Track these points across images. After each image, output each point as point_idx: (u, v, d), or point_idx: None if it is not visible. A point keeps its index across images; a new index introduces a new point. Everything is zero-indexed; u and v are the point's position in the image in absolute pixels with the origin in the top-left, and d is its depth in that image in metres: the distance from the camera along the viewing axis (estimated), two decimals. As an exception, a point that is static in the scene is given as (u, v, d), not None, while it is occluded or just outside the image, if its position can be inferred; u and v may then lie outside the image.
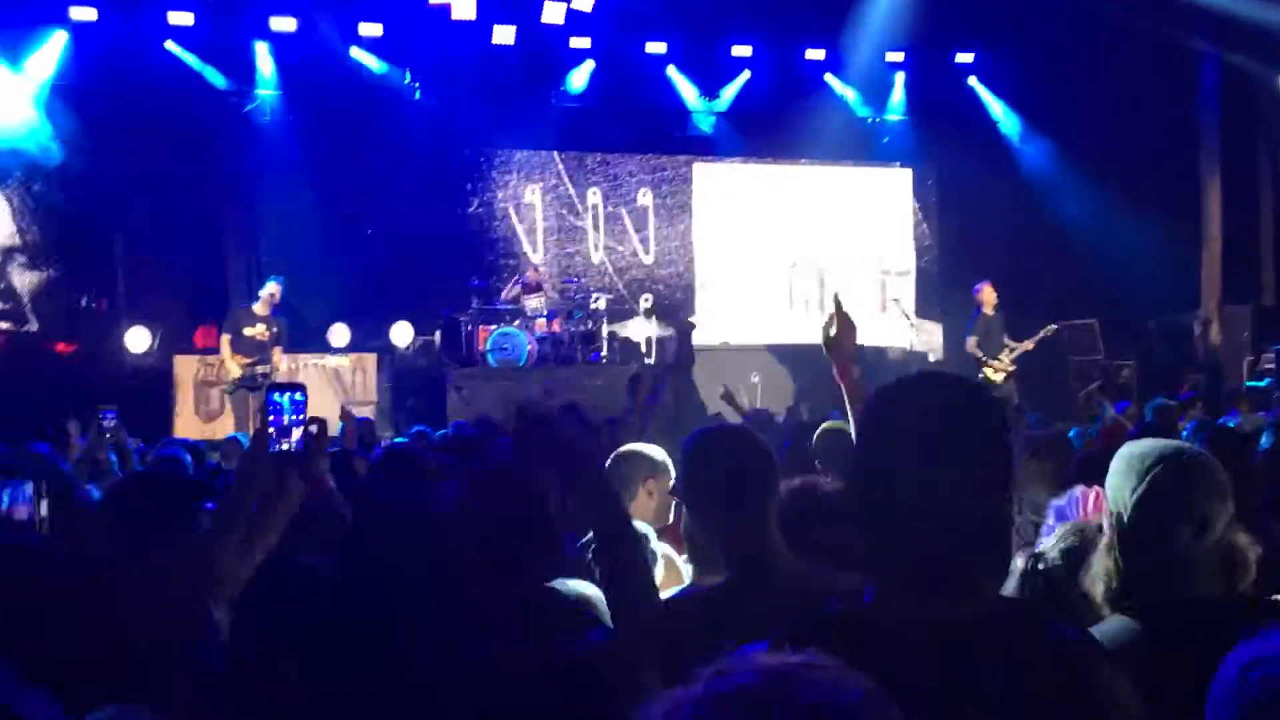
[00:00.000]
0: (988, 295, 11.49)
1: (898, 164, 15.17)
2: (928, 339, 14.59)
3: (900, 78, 14.64)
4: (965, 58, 14.58)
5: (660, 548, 3.06)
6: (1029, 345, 11.34)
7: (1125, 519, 2.07)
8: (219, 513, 2.43)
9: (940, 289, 15.17)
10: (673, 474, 3.29)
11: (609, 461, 3.41)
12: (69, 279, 12.77)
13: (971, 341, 11.43)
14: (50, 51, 12.29)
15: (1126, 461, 2.12)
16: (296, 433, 2.52)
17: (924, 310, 15.03)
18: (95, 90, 12.37)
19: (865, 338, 11.92)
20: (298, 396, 2.56)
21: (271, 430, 2.50)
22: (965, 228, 14.70)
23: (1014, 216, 13.99)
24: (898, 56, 14.40)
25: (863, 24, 13.71)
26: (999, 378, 11.20)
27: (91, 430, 6.42)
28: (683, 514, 2.55)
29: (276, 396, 2.53)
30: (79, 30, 12.26)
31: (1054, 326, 11.45)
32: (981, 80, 14.78)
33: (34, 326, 12.62)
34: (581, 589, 2.55)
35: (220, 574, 2.41)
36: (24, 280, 12.63)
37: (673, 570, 3.07)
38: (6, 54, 12.22)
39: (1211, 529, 2.03)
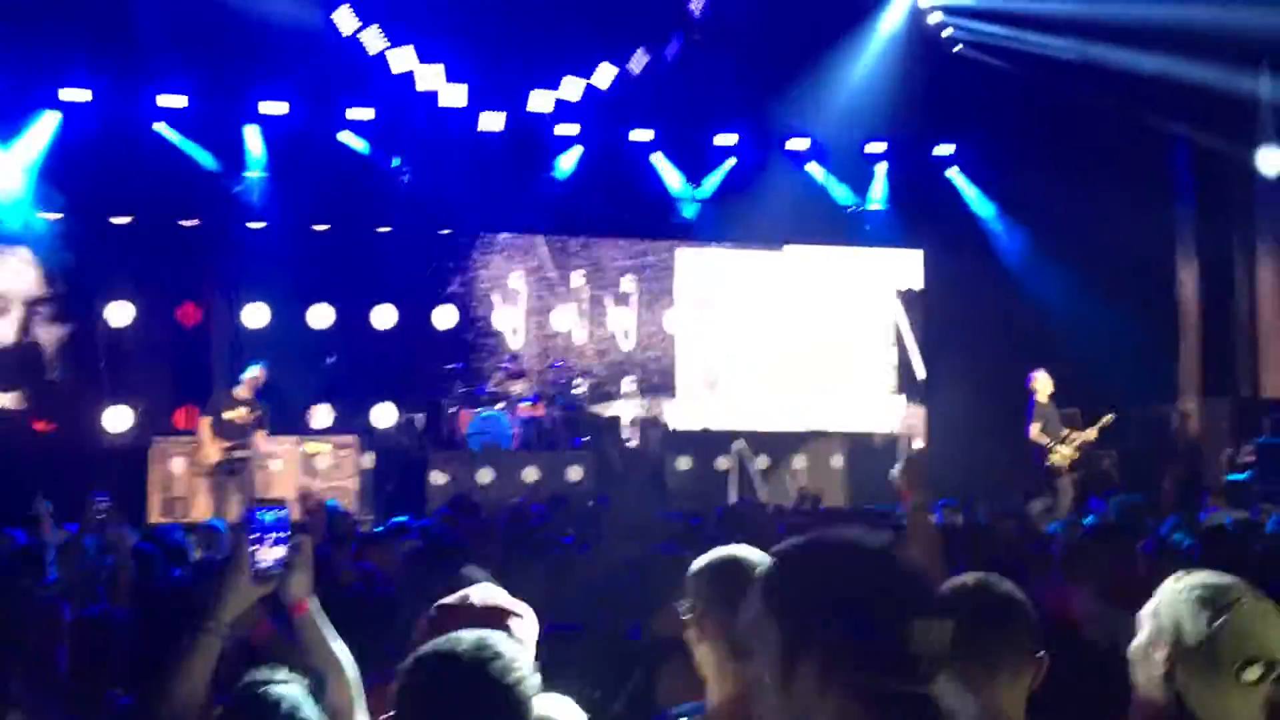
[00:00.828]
0: (1042, 383, 11.30)
1: (880, 248, 15.33)
2: (911, 423, 14.64)
3: (881, 168, 14.89)
4: (945, 149, 14.86)
5: None
6: (1092, 434, 11.21)
7: (1192, 650, 2.12)
8: (194, 635, 2.40)
9: (925, 372, 15.24)
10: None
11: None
12: (50, 356, 12.71)
13: (1035, 429, 11.22)
14: (41, 131, 12.38)
15: (1193, 591, 2.16)
16: (279, 551, 2.51)
17: (907, 392, 15.10)
18: (84, 170, 12.44)
19: (850, 423, 11.95)
20: (281, 514, 2.55)
21: (254, 549, 2.48)
22: (947, 314, 14.84)
23: (995, 303, 14.14)
24: (879, 147, 14.67)
25: (843, 116, 13.96)
26: (1066, 462, 11.10)
27: (85, 514, 6.33)
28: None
29: (260, 514, 2.52)
30: (70, 111, 12.37)
31: (1112, 416, 11.30)
32: (962, 170, 15.04)
33: (11, 404, 12.52)
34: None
35: (188, 696, 2.38)
36: (4, 356, 12.57)
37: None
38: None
39: (1275, 670, 2.08)
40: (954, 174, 15.06)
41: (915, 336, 15.36)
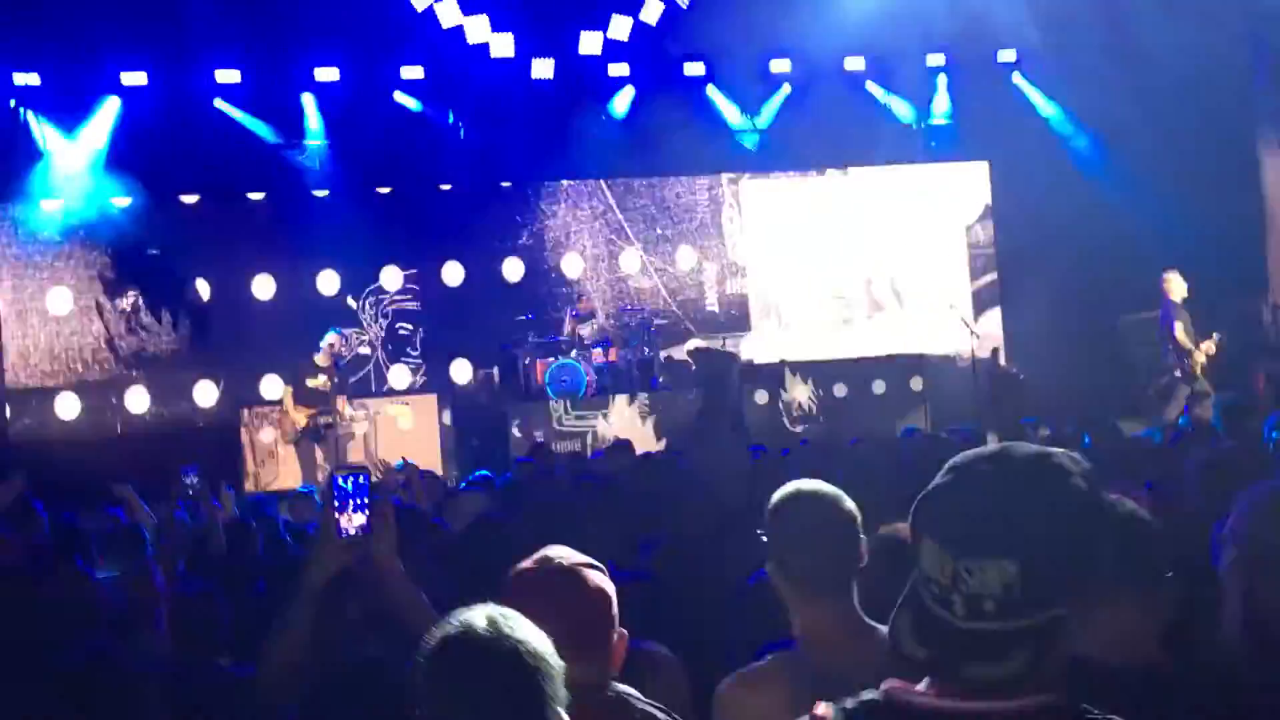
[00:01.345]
0: (1176, 283, 10.71)
1: (947, 162, 14.99)
2: (990, 342, 14.39)
3: (942, 80, 14.49)
4: (1007, 55, 14.39)
5: None
6: (1215, 343, 10.60)
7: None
8: (291, 601, 2.46)
9: (999, 289, 14.95)
10: None
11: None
12: (136, 335, 13.06)
13: (1179, 329, 10.61)
14: (105, 117, 12.61)
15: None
16: (361, 517, 2.55)
17: (983, 311, 14.83)
18: (150, 151, 12.67)
19: (930, 346, 11.77)
20: (361, 480, 2.59)
21: (338, 516, 2.53)
22: (1020, 225, 14.50)
23: (1070, 210, 13.75)
24: (938, 59, 14.27)
25: (899, 29, 13.58)
26: (1200, 367, 10.55)
27: (174, 490, 6.53)
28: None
29: (341, 481, 2.56)
30: (130, 95, 12.56)
31: (1220, 336, 10.71)
32: (1026, 75, 14.57)
33: (102, 386, 12.91)
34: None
35: (288, 660, 2.44)
36: (94, 337, 12.94)
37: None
38: (64, 123, 12.57)
39: None
40: (1018, 80, 14.60)
41: (989, 251, 15.04)
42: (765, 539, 2.55)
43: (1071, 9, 13.16)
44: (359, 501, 2.56)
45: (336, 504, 2.54)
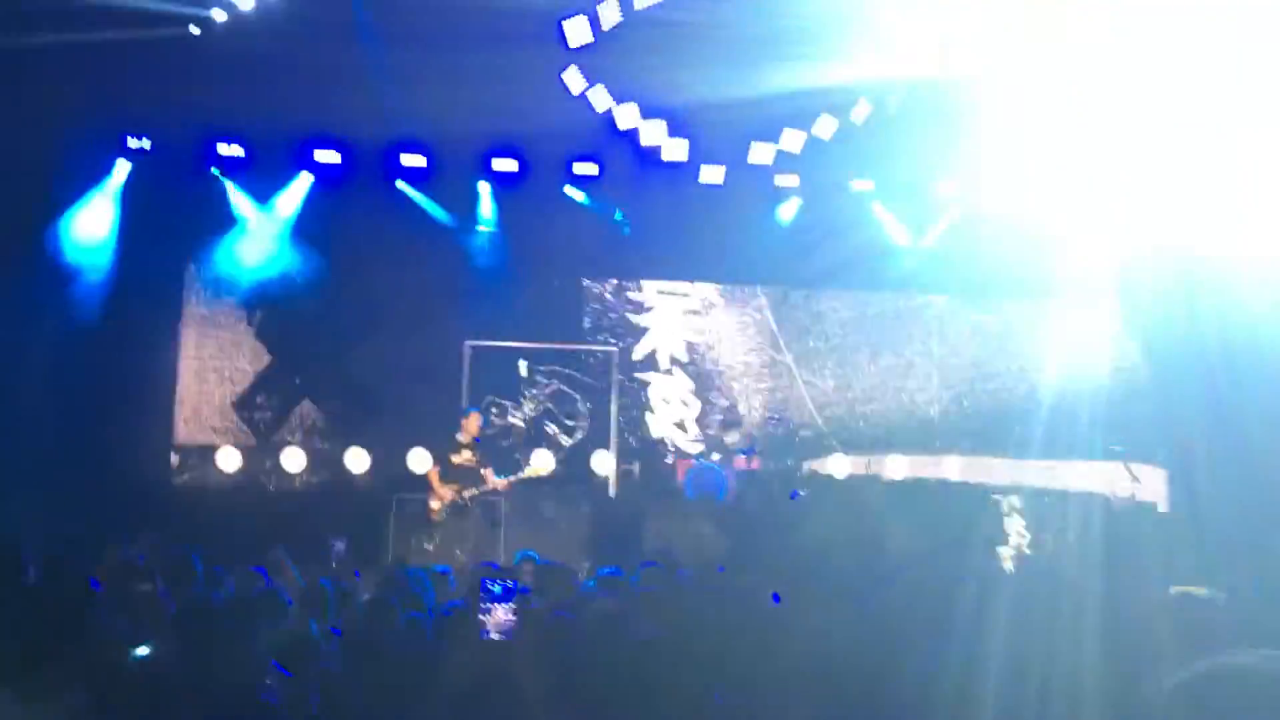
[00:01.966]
0: None
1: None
2: (1153, 488, 13.75)
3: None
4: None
5: None
6: None
7: None
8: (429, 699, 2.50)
9: (1156, 429, 14.29)
10: None
11: None
12: (295, 399, 13.63)
13: None
14: (296, 191, 13.38)
15: None
16: (507, 620, 2.58)
17: (1140, 454, 14.20)
18: (331, 225, 13.36)
19: (1084, 484, 11.17)
20: (510, 585, 2.63)
21: (483, 618, 2.57)
22: (1181, 367, 13.89)
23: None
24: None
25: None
26: None
27: (324, 559, 6.75)
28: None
29: (490, 585, 2.61)
30: (321, 171, 13.31)
31: None
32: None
33: (256, 443, 13.47)
34: None
35: None
36: (260, 398, 13.56)
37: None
38: (258, 194, 13.38)
39: None
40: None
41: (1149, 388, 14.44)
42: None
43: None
44: (505, 605, 2.60)
45: (483, 606, 2.58)
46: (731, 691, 3.47)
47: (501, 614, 2.58)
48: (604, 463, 13.56)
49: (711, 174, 13.60)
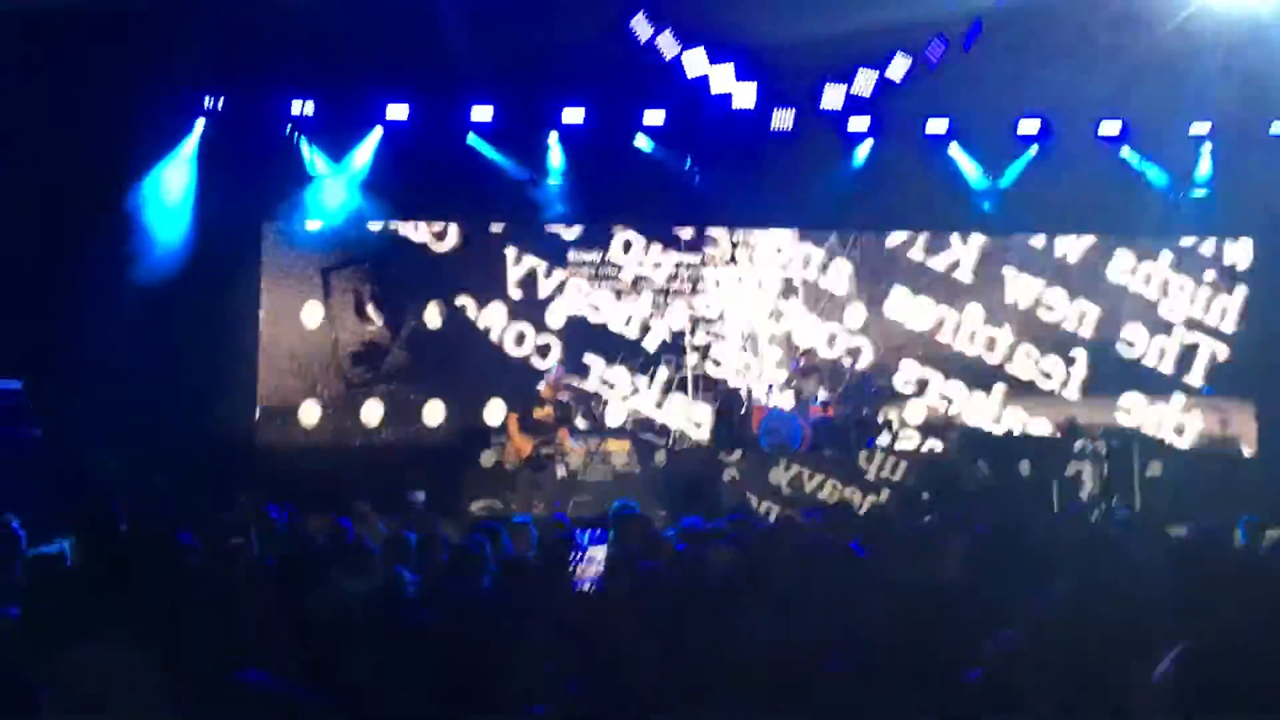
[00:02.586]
0: None
1: (1201, 237, 14.14)
2: (1239, 429, 13.40)
3: (1206, 149, 13.67)
4: (1280, 127, 13.43)
5: None
6: None
7: None
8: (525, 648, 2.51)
9: (1253, 372, 13.92)
10: None
11: None
12: (373, 354, 13.83)
13: None
14: (368, 146, 13.46)
15: None
16: (596, 571, 2.59)
17: (1233, 390, 13.85)
18: (404, 179, 13.44)
19: (1157, 424, 11.05)
20: (599, 534, 2.63)
21: (574, 568, 2.57)
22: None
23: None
24: (1203, 128, 13.48)
25: (1162, 95, 12.92)
26: None
27: (405, 512, 6.86)
28: None
29: (580, 536, 2.61)
30: (392, 126, 13.36)
31: None
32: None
33: (336, 398, 13.70)
34: None
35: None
36: (339, 352, 13.78)
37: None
38: (331, 150, 13.49)
39: None
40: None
41: (1245, 330, 14.06)
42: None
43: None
44: (596, 556, 2.60)
45: (574, 556, 2.59)
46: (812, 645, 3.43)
47: (593, 565, 2.58)
48: (679, 414, 13.55)
49: (782, 119, 13.39)
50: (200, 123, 13.06)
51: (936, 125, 13.57)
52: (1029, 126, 13.52)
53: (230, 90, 13.06)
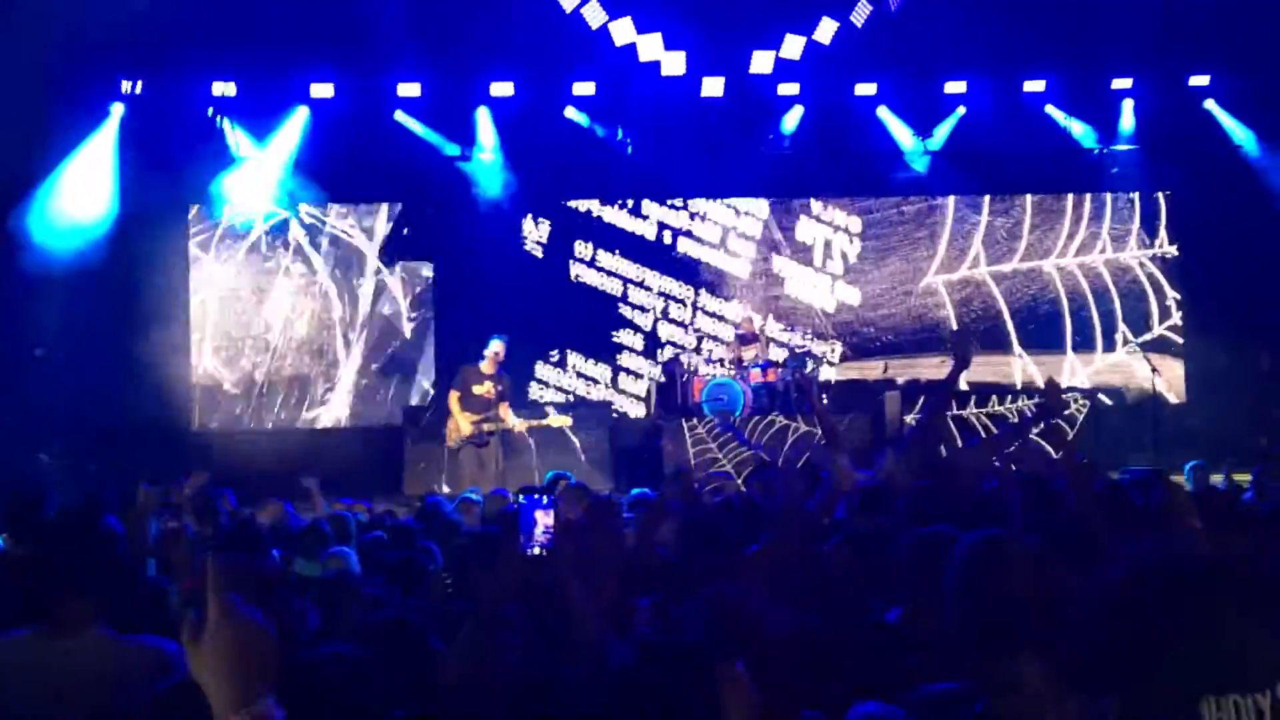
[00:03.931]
0: None
1: (1128, 193, 14.41)
2: (1168, 380, 13.72)
3: (1129, 105, 13.91)
4: (1200, 80, 13.70)
5: None
6: None
7: None
8: (477, 615, 2.49)
9: (1182, 330, 14.25)
10: None
11: None
12: (313, 333, 13.63)
13: None
14: (294, 126, 13.21)
15: None
16: (544, 535, 2.57)
17: (1162, 346, 14.17)
18: (332, 159, 13.23)
19: (1101, 377, 11.28)
20: (545, 500, 2.61)
21: (522, 534, 2.55)
22: (1204, 259, 13.84)
23: (1258, 244, 13.06)
24: (1125, 83, 13.71)
25: (1084, 52, 13.12)
26: None
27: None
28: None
29: (526, 500, 2.59)
30: (317, 105, 13.13)
31: None
32: (1220, 103, 13.85)
33: (270, 381, 13.50)
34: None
35: (466, 673, 2.47)
36: (273, 334, 13.56)
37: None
38: (255, 130, 13.22)
39: None
40: (1211, 106, 13.89)
41: (1169, 284, 14.37)
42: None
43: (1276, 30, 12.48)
44: (543, 520, 2.58)
45: (521, 521, 2.57)
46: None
47: (540, 528, 2.56)
48: (622, 387, 13.57)
49: (712, 86, 13.38)
50: (118, 107, 12.74)
51: (865, 89, 13.64)
52: (955, 87, 13.65)
53: (148, 73, 12.75)
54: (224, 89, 12.90)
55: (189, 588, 3.66)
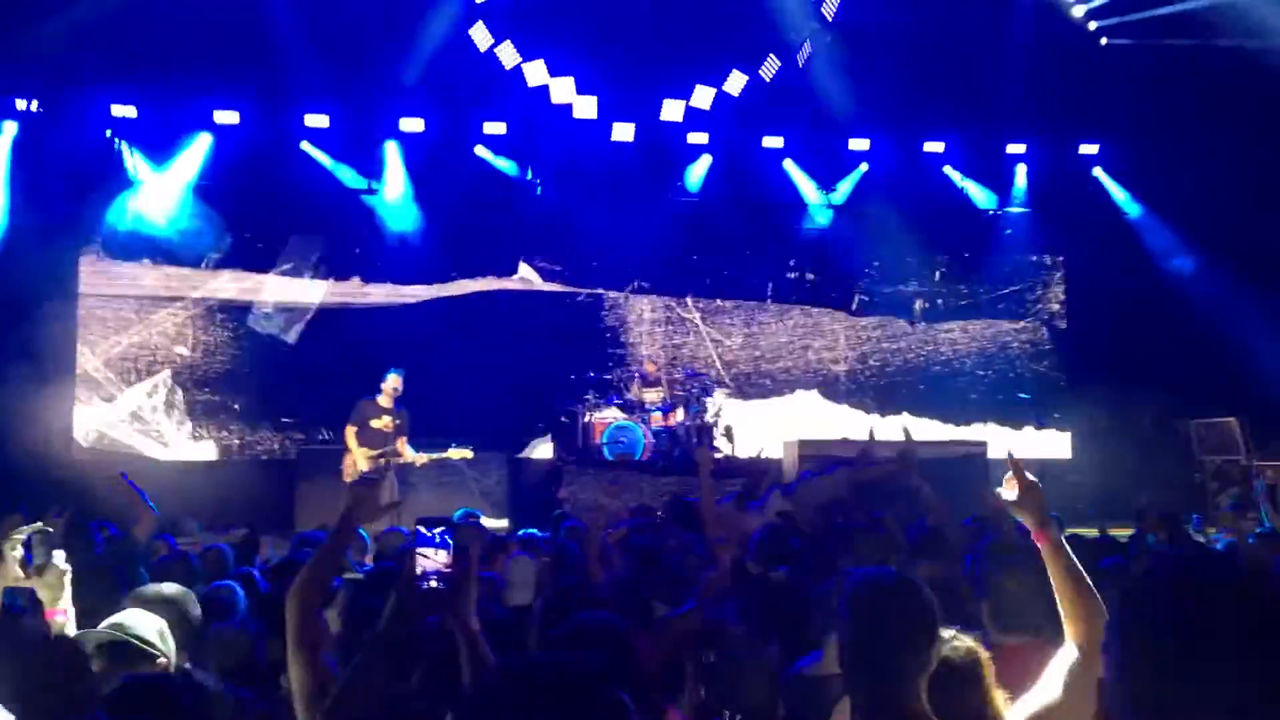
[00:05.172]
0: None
1: (1021, 256, 14.86)
2: (1055, 446, 14.10)
3: (1022, 169, 14.43)
4: (1090, 149, 14.29)
5: None
6: None
7: None
8: (371, 646, 2.43)
9: (1070, 389, 14.66)
10: None
11: None
12: (204, 359, 13.26)
13: None
14: (195, 152, 12.93)
15: None
16: (443, 569, 2.52)
17: (1052, 411, 14.57)
18: (233, 186, 12.98)
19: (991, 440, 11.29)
20: (444, 533, 2.56)
21: (420, 567, 2.50)
22: (1092, 320, 14.32)
23: (1145, 308, 13.57)
24: (1019, 148, 14.23)
25: (983, 117, 13.59)
26: None
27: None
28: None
29: (425, 532, 2.54)
30: (221, 132, 12.89)
31: None
32: (1107, 170, 14.45)
33: (158, 415, 13.09)
34: None
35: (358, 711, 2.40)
36: (164, 360, 13.16)
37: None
38: (154, 155, 12.92)
39: None
40: (1099, 173, 14.48)
41: (1058, 350, 14.81)
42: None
43: (1159, 104, 13.08)
44: (441, 555, 2.54)
45: (420, 554, 2.52)
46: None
47: (436, 563, 2.52)
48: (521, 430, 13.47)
49: (622, 132, 13.50)
50: (11, 125, 12.34)
51: (772, 141, 13.90)
52: (859, 144, 13.98)
53: (48, 91, 12.39)
54: (124, 111, 12.59)
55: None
